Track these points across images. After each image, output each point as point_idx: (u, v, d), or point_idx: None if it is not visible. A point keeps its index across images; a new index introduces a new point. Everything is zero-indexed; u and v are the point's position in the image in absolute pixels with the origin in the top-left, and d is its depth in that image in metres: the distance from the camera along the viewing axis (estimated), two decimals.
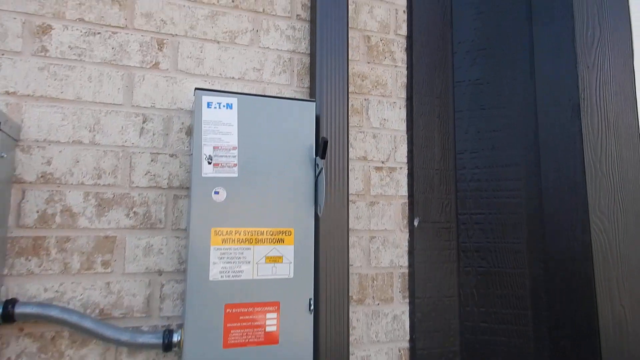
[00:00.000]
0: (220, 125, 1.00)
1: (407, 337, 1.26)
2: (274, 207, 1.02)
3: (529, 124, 1.29)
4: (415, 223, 1.31)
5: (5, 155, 0.84)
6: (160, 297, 1.02)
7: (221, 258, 0.96)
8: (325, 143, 1.01)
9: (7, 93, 0.96)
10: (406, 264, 1.29)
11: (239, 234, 0.98)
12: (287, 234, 1.02)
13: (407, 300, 1.27)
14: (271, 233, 1.01)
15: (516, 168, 1.29)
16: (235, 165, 1.00)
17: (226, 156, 0.99)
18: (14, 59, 0.97)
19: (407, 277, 1.29)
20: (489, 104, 1.35)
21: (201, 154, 0.97)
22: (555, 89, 1.23)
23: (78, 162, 0.99)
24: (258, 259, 0.99)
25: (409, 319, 1.27)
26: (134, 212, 1.02)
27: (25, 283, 0.92)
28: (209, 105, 0.99)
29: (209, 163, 0.98)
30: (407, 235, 1.30)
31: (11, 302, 0.85)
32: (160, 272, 1.03)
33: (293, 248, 1.02)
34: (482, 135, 1.35)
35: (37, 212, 0.95)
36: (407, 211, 1.31)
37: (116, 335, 0.90)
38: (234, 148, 1.00)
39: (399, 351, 1.24)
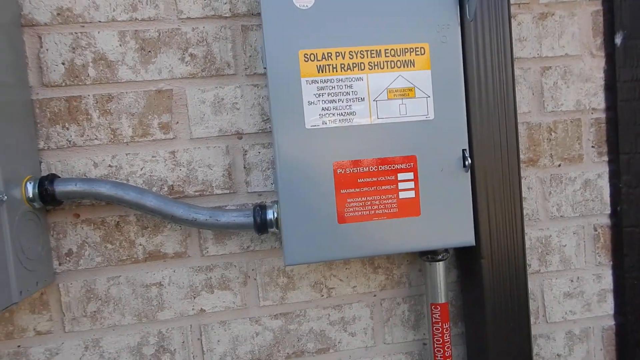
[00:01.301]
0: None
1: (607, 210, 0.84)
2: (393, 10, 0.62)
3: None
4: (617, 41, 0.81)
5: None
6: (244, 167, 0.74)
7: (319, 95, 0.62)
8: None
9: None
10: (602, 105, 0.83)
11: (342, 57, 0.62)
12: (418, 52, 0.63)
13: (604, 158, 0.83)
14: (393, 52, 0.63)
15: None
16: None
17: None
18: None
19: (603, 125, 0.83)
20: None
21: None
22: None
23: None
24: (376, 93, 0.62)
25: (609, 184, 0.84)
26: (191, 55, 0.71)
27: (69, 158, 0.69)
28: None
29: None
30: (602, 62, 0.82)
31: (48, 179, 0.63)
32: (239, 135, 0.73)
33: (430, 74, 0.63)
34: None
35: (63, 63, 0.69)
36: (601, 24, 0.82)
37: (190, 215, 0.65)
38: None
39: (595, 229, 0.83)
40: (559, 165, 0.82)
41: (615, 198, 0.84)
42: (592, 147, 0.83)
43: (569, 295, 0.83)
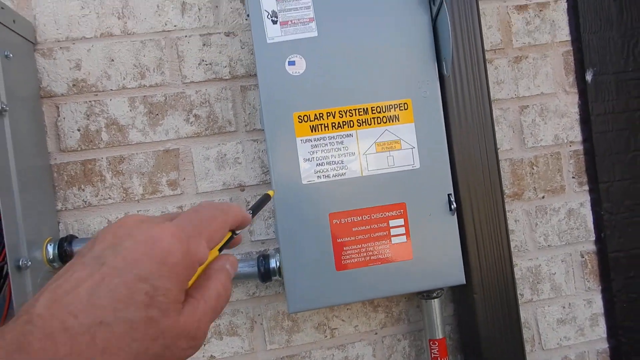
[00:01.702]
0: None
1: (592, 237, 0.88)
2: (377, 71, 0.69)
3: None
4: (588, 78, 0.88)
5: (11, 55, 0.63)
6: None
7: (313, 153, 0.67)
8: None
9: None
10: (579, 137, 0.88)
11: (333, 117, 0.68)
12: (402, 107, 0.69)
13: (585, 187, 0.88)
14: (379, 109, 0.69)
15: None
16: (311, 19, 0.68)
17: (296, 8, 0.67)
18: None
19: (582, 156, 0.88)
20: None
21: (261, 10, 0.67)
22: None
23: (113, 60, 0.76)
24: (365, 148, 0.68)
25: (592, 212, 0.89)
26: (195, 116, 0.78)
27: (85, 217, 0.75)
28: None
29: (274, 22, 0.67)
30: (575, 98, 0.88)
31: (67, 240, 0.68)
32: (242, 187, 0.79)
33: (414, 127, 0.69)
34: None
35: (79, 130, 0.75)
36: (572, 63, 0.88)
37: None
38: None
39: (582, 256, 0.88)
40: (543, 197, 0.87)
41: (599, 225, 0.89)
42: (573, 177, 0.88)
43: (562, 321, 0.87)
